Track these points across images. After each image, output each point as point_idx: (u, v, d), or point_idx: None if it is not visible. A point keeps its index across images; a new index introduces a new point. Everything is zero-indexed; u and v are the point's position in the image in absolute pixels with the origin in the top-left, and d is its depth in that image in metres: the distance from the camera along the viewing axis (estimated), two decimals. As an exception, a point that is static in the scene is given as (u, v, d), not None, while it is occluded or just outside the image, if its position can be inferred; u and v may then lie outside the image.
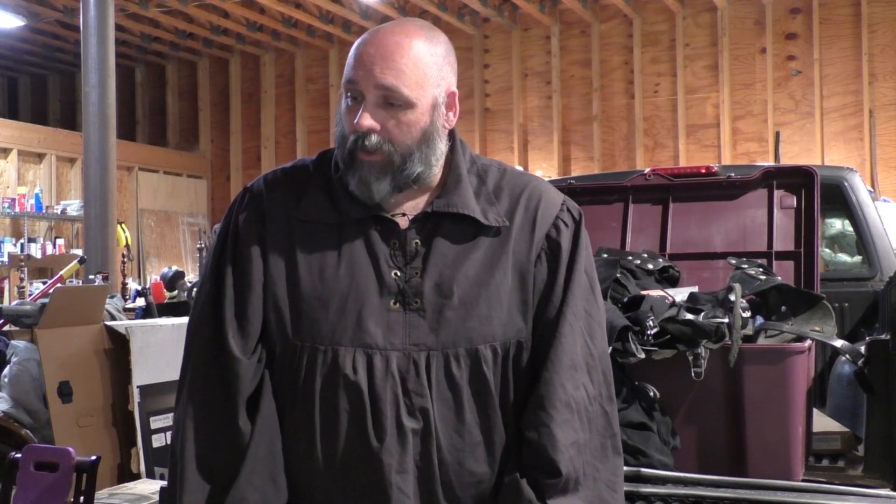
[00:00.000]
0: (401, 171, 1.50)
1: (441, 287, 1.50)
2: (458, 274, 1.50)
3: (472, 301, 1.50)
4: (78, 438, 4.30)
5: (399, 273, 1.51)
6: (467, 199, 1.54)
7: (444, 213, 1.54)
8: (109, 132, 7.76)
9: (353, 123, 1.49)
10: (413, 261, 1.51)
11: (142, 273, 11.30)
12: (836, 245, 4.53)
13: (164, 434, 4.76)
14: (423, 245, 1.52)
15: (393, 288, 1.50)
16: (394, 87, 1.47)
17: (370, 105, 1.48)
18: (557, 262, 1.55)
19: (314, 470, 1.48)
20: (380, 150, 1.49)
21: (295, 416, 1.50)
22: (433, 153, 1.53)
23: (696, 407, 2.30)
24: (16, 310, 4.79)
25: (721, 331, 2.23)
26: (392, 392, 1.47)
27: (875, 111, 9.52)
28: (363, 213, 1.53)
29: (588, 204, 3.03)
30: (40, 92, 13.75)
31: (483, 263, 1.51)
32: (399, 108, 1.49)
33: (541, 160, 10.99)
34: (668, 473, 2.17)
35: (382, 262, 1.51)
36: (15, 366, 4.51)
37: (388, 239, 1.52)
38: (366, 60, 1.49)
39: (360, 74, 1.48)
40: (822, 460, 2.71)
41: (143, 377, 4.66)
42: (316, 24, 10.98)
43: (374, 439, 1.46)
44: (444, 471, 1.48)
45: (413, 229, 1.53)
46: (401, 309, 1.49)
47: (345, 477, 1.47)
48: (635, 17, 10.46)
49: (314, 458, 1.48)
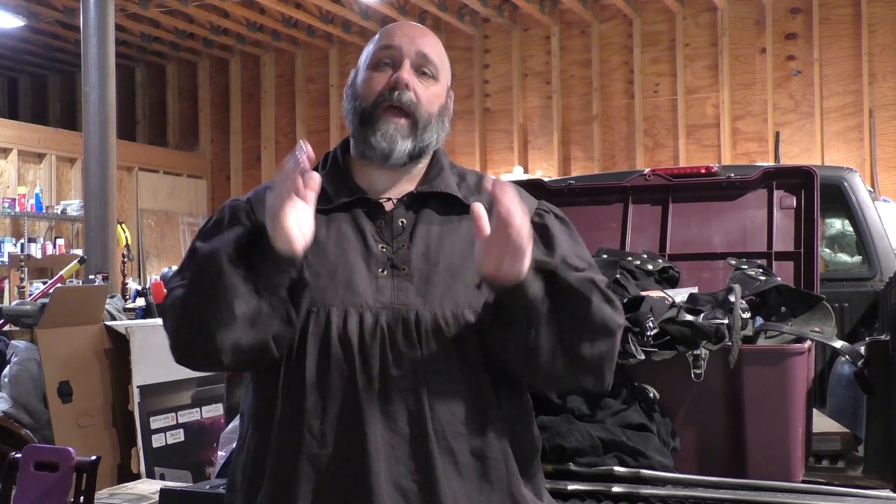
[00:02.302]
0: (421, 135, 1.60)
1: (428, 256, 1.56)
2: (444, 247, 1.58)
3: (458, 270, 1.56)
4: (78, 438, 4.31)
5: (386, 247, 1.57)
6: (450, 183, 1.64)
7: (428, 194, 1.62)
8: (109, 132, 7.77)
9: (386, 81, 1.59)
10: (399, 236, 1.58)
11: (142, 273, 11.30)
12: (836, 245, 4.53)
13: (164, 434, 4.76)
14: (408, 222, 1.60)
15: (381, 259, 1.56)
16: (431, 57, 1.62)
17: (408, 67, 1.60)
18: (550, 238, 1.60)
19: (304, 424, 1.50)
20: (410, 109, 1.58)
21: (286, 376, 1.53)
22: (442, 130, 1.64)
23: (696, 408, 2.30)
24: (16, 310, 4.79)
25: (721, 332, 2.23)
26: (381, 345, 1.51)
27: (875, 111, 9.52)
28: (350, 196, 1.60)
29: (588, 204, 3.03)
30: (40, 92, 13.75)
31: (467, 239, 1.56)
32: (429, 78, 1.62)
33: (541, 160, 10.99)
34: (667, 475, 2.17)
35: (370, 237, 1.58)
36: (15, 366, 4.51)
37: (375, 218, 1.60)
38: (406, 33, 1.63)
39: (403, 41, 1.61)
40: (822, 461, 2.70)
41: (143, 377, 4.67)
42: (316, 24, 10.98)
43: (363, 391, 1.48)
44: (436, 420, 1.50)
45: (400, 208, 1.61)
46: (389, 275, 1.55)
47: (333, 428, 1.49)
48: (635, 17, 10.46)
49: (304, 412, 1.50)
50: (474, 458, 1.51)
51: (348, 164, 1.65)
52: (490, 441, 1.52)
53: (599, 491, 2.11)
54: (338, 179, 1.63)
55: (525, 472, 1.57)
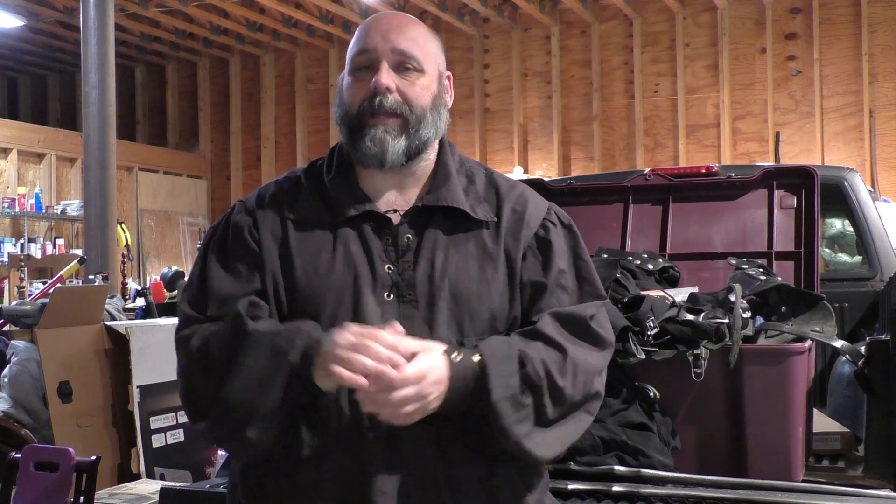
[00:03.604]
0: (416, 132, 1.56)
1: (432, 279, 1.53)
2: (450, 266, 1.54)
3: (463, 292, 1.53)
4: (78, 438, 4.31)
5: (392, 267, 1.53)
6: (456, 194, 1.59)
7: (434, 208, 1.58)
8: (109, 132, 7.77)
9: (367, 88, 1.55)
10: (405, 255, 1.55)
11: (142, 273, 11.30)
12: (836, 245, 4.53)
13: (164, 434, 4.76)
14: (414, 239, 1.56)
15: (387, 281, 1.53)
16: (409, 51, 1.56)
17: (386, 69, 1.55)
18: (549, 255, 1.58)
19: (303, 457, 1.49)
20: (396, 112, 1.54)
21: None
22: (440, 120, 1.59)
23: (697, 407, 2.30)
24: (16, 310, 4.79)
25: (721, 331, 2.23)
26: None
27: (875, 111, 9.52)
28: (356, 210, 1.56)
29: (588, 204, 3.03)
30: (40, 92, 13.75)
31: (473, 256, 1.55)
32: (413, 71, 1.57)
33: (541, 160, 10.98)
34: (668, 474, 2.17)
35: (376, 256, 1.54)
36: (15, 366, 4.51)
37: (381, 234, 1.56)
38: (380, 30, 1.59)
39: (377, 41, 1.57)
40: (822, 461, 2.70)
41: (143, 377, 4.66)
42: (316, 24, 10.98)
43: (365, 425, 1.46)
44: (443, 448, 1.49)
45: (405, 224, 1.57)
46: (395, 301, 1.52)
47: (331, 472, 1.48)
48: (635, 17, 10.46)
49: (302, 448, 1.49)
50: (481, 488, 1.51)
51: (353, 165, 1.61)
52: (497, 468, 1.52)
53: (600, 490, 2.11)
54: (344, 187, 1.59)
55: (532, 495, 1.56)
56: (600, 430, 2.21)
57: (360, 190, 1.59)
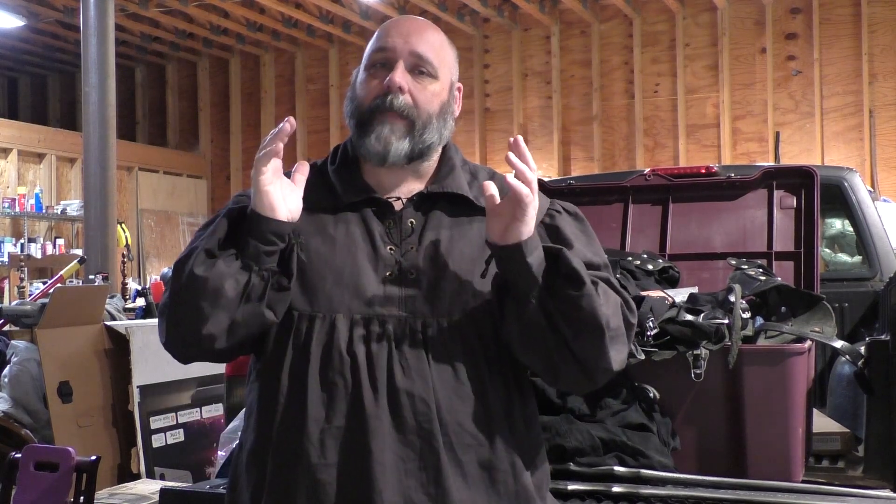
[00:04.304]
0: (420, 136, 1.57)
1: (437, 260, 1.54)
2: (454, 250, 1.55)
3: (467, 275, 1.54)
4: (78, 438, 4.31)
5: (394, 248, 1.55)
6: (461, 183, 1.61)
7: (438, 194, 1.60)
8: (109, 132, 7.77)
9: (380, 85, 1.56)
10: (409, 237, 1.56)
11: (142, 273, 11.30)
12: (836, 245, 4.53)
13: (164, 434, 4.76)
14: (419, 221, 1.58)
15: (389, 261, 1.54)
16: (426, 55, 1.59)
17: (402, 69, 1.57)
18: (561, 237, 1.59)
19: (305, 432, 1.48)
20: (404, 113, 1.56)
21: (289, 382, 1.52)
22: (445, 128, 1.61)
23: (696, 408, 2.30)
24: (16, 310, 4.79)
25: (721, 332, 2.23)
26: (388, 355, 1.49)
27: (875, 111, 9.52)
28: (358, 196, 1.58)
29: (588, 204, 3.03)
30: (40, 92, 13.75)
31: (477, 242, 1.56)
32: (426, 76, 1.59)
33: (541, 160, 10.98)
34: (667, 475, 2.17)
35: (378, 238, 1.55)
36: (15, 366, 4.51)
37: (384, 218, 1.58)
38: (401, 31, 1.60)
39: (396, 41, 1.59)
40: (822, 461, 2.70)
41: (143, 377, 4.66)
42: (316, 24, 10.98)
43: (368, 402, 1.46)
44: (445, 431, 1.48)
45: (409, 208, 1.59)
46: (397, 280, 1.53)
47: (336, 439, 1.47)
48: (635, 17, 10.46)
49: (305, 420, 1.49)
50: (482, 469, 1.50)
51: (358, 160, 1.63)
52: (498, 451, 1.52)
53: (599, 491, 2.11)
54: (347, 177, 1.61)
55: (532, 480, 1.57)
56: (600, 430, 2.21)
57: (362, 180, 1.61)
